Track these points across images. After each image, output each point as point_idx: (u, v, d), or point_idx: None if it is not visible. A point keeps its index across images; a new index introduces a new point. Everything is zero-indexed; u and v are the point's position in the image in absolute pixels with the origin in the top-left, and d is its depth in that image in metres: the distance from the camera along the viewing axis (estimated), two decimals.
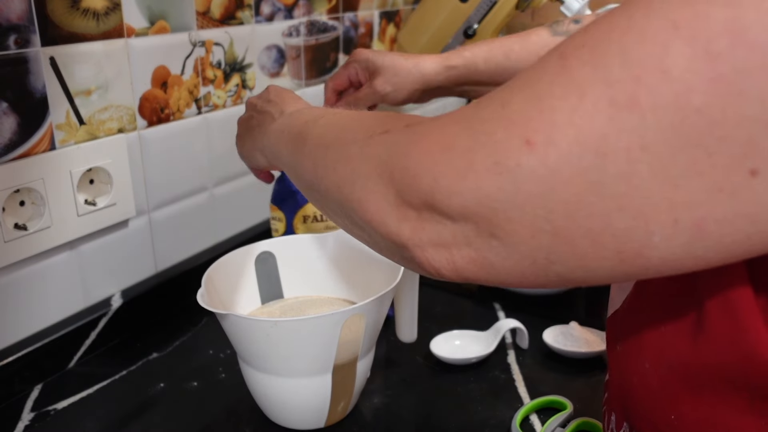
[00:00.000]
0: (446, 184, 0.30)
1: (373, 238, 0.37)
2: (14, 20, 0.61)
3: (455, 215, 0.30)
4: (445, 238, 0.31)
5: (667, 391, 0.34)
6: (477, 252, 0.30)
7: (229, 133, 0.89)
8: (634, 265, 0.28)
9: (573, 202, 0.27)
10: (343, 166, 0.37)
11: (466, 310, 0.83)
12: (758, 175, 0.24)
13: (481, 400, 0.65)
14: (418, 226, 0.32)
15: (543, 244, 0.28)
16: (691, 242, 0.26)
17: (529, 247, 0.29)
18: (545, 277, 0.30)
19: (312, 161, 0.42)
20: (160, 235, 0.82)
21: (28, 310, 0.68)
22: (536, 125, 0.27)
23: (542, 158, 0.27)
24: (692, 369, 0.32)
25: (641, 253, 0.27)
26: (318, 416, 0.60)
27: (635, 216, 0.26)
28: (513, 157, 0.28)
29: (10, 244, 0.64)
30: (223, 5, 0.84)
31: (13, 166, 0.63)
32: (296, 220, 0.72)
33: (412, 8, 1.23)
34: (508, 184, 0.28)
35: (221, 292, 0.62)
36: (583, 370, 0.70)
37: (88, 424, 0.62)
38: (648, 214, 0.26)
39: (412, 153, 0.32)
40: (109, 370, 0.70)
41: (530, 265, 0.29)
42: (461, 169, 0.29)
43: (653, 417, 0.35)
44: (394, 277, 0.58)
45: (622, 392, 0.39)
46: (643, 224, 0.26)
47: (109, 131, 0.73)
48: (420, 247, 0.32)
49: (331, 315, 0.53)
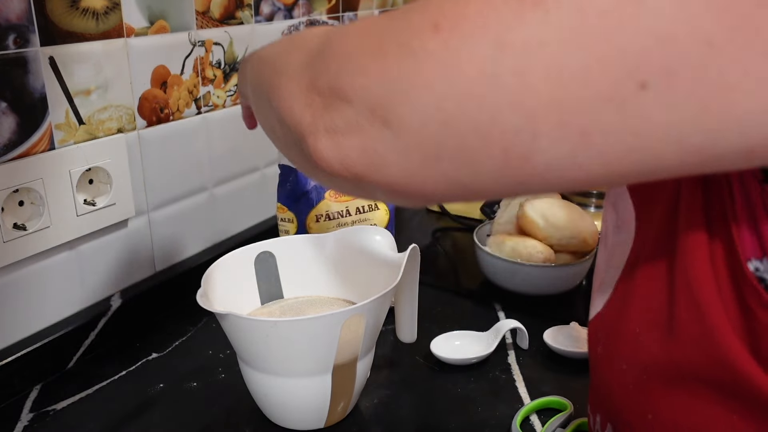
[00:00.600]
0: (354, 65, 0.30)
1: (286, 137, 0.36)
2: (13, 20, 0.61)
3: (354, 98, 0.30)
4: (339, 124, 0.31)
5: (643, 391, 0.34)
6: (368, 140, 0.30)
7: (229, 133, 0.89)
8: (520, 170, 0.27)
9: (466, 92, 0.27)
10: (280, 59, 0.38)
11: (466, 310, 0.83)
12: (647, 88, 0.24)
13: (481, 401, 0.65)
14: (319, 112, 0.32)
15: (432, 134, 0.28)
16: (576, 150, 0.26)
17: (419, 137, 0.28)
18: (432, 178, 0.29)
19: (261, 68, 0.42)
20: (159, 235, 0.82)
21: (28, 310, 0.68)
22: (447, 12, 0.27)
23: (444, 42, 0.27)
24: (665, 369, 0.33)
25: (527, 156, 0.27)
26: (318, 416, 0.60)
27: (525, 116, 0.26)
28: (418, 39, 0.28)
29: (10, 244, 0.64)
30: (223, 5, 0.84)
31: (13, 166, 0.63)
32: (309, 220, 0.72)
33: None
34: (408, 66, 0.28)
35: (221, 292, 0.62)
36: (583, 370, 0.70)
37: (88, 425, 0.62)
38: (538, 115, 0.26)
39: (335, 42, 0.32)
40: (109, 370, 0.70)
41: (419, 161, 0.29)
42: (370, 50, 0.30)
43: (631, 416, 0.36)
44: (394, 277, 0.58)
45: (603, 393, 0.39)
46: (531, 125, 0.26)
47: (108, 131, 0.72)
48: (314, 134, 0.32)
49: (331, 315, 0.53)
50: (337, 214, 0.72)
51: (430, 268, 0.93)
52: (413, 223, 1.10)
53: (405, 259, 0.59)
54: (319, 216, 0.72)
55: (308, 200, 0.72)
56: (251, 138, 0.93)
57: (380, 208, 0.73)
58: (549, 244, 0.82)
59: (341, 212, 0.72)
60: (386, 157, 0.30)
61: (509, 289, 0.83)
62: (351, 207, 0.72)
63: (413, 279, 0.63)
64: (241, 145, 0.92)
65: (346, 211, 0.72)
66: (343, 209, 0.72)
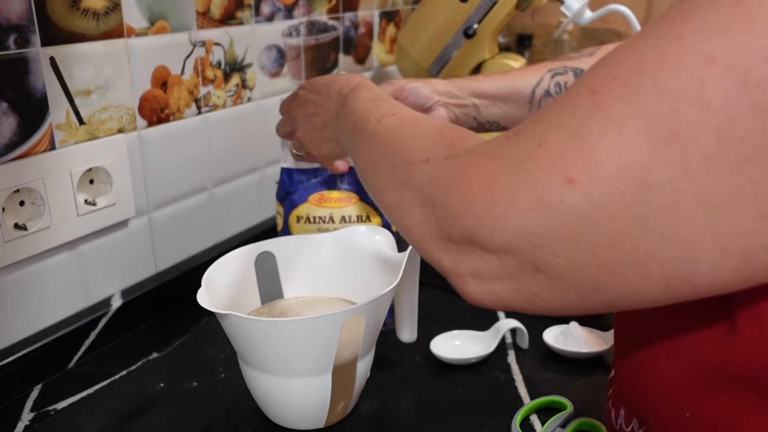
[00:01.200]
0: (488, 221, 0.30)
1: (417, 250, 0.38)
2: (14, 20, 0.61)
3: (497, 250, 0.30)
4: (485, 271, 0.31)
5: (686, 389, 0.33)
6: (521, 284, 0.31)
7: (229, 133, 0.89)
8: (682, 291, 0.28)
9: (618, 236, 0.27)
10: (390, 190, 0.39)
11: (466, 310, 0.83)
12: None
13: (481, 400, 0.65)
14: (459, 258, 0.33)
15: (588, 276, 0.28)
16: (739, 268, 0.26)
17: (575, 279, 0.29)
18: (590, 305, 0.30)
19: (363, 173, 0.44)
20: (160, 235, 0.82)
21: (28, 310, 0.68)
22: (576, 162, 0.27)
23: (585, 195, 0.27)
24: (715, 369, 0.32)
25: (689, 280, 0.27)
26: (318, 416, 0.60)
27: (681, 246, 0.26)
28: (555, 194, 0.28)
29: (10, 244, 0.64)
30: (223, 5, 0.84)
31: (13, 166, 0.63)
32: (291, 218, 0.73)
33: (412, 8, 1.23)
34: (551, 221, 0.28)
35: (221, 292, 0.62)
36: (583, 370, 0.70)
37: (88, 424, 0.62)
38: (694, 243, 0.26)
39: (452, 190, 0.32)
40: (109, 370, 0.70)
41: (576, 296, 0.30)
42: (503, 207, 0.30)
43: (666, 413, 0.35)
44: (394, 277, 0.58)
45: (633, 387, 0.38)
46: (689, 253, 0.26)
47: (109, 131, 0.72)
48: (461, 278, 0.33)
49: (331, 315, 0.53)
50: (318, 219, 0.72)
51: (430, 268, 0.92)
52: None
53: (405, 259, 0.59)
54: (300, 217, 0.72)
55: (291, 200, 0.72)
56: (251, 138, 0.93)
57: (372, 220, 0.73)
58: None
59: (323, 218, 0.72)
60: (542, 296, 0.30)
61: None
62: (336, 215, 0.72)
63: (413, 279, 0.63)
64: (241, 145, 0.92)
65: (330, 217, 0.72)
66: (327, 215, 0.72)
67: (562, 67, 0.72)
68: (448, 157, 0.35)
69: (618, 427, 0.40)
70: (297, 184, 0.72)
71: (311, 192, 0.72)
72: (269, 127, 0.73)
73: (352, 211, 0.72)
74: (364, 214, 0.72)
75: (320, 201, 0.71)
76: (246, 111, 0.91)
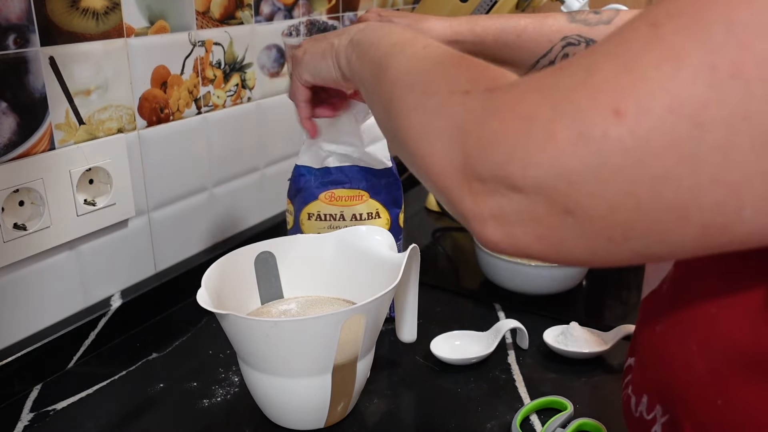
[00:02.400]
0: (523, 155, 0.28)
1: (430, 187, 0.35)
2: (13, 20, 0.61)
3: (528, 189, 0.28)
4: (509, 213, 0.29)
5: (718, 376, 0.32)
6: (547, 229, 0.29)
7: (229, 133, 0.89)
8: (718, 240, 0.27)
9: (661, 176, 0.25)
10: (418, 115, 0.36)
11: (466, 310, 0.83)
12: None
13: (481, 401, 0.65)
14: (482, 198, 0.30)
15: (622, 220, 0.27)
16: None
17: (607, 223, 0.27)
18: (618, 254, 0.28)
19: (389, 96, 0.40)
20: (159, 235, 0.82)
21: (28, 310, 0.68)
22: (626, 94, 0.26)
23: (632, 128, 0.25)
24: (750, 355, 0.30)
25: (728, 227, 0.26)
26: (318, 416, 0.60)
27: (728, 190, 0.25)
28: (599, 127, 0.26)
29: (10, 244, 0.64)
30: (223, 5, 0.84)
31: (13, 166, 0.63)
32: (302, 215, 0.73)
33: (412, 8, 1.23)
34: (592, 157, 0.26)
35: (221, 292, 0.62)
36: (583, 370, 0.70)
37: (88, 425, 0.62)
38: (741, 188, 0.25)
39: (489, 122, 0.30)
40: (109, 370, 0.70)
41: (605, 243, 0.28)
42: (541, 139, 0.28)
43: (695, 400, 0.34)
44: (394, 277, 0.58)
45: (658, 374, 0.37)
46: (735, 198, 0.25)
47: (108, 131, 0.72)
48: (479, 219, 0.31)
49: (331, 315, 0.53)
50: (329, 216, 0.72)
51: (430, 268, 0.93)
52: (413, 223, 1.10)
53: (405, 259, 0.59)
54: (311, 214, 0.72)
55: (302, 197, 0.72)
56: (251, 138, 0.93)
57: (381, 217, 0.73)
58: None
59: (334, 215, 0.72)
60: (567, 242, 0.29)
61: (509, 289, 0.83)
62: (347, 213, 0.72)
63: (413, 279, 0.63)
64: (241, 145, 0.92)
65: (341, 215, 0.72)
66: (338, 213, 0.72)
67: (576, 36, 0.69)
68: (489, 89, 0.32)
69: (638, 414, 0.39)
70: (308, 181, 0.72)
71: (322, 190, 0.72)
72: (269, 127, 0.72)
73: (363, 208, 0.72)
74: (374, 212, 0.73)
75: (331, 199, 0.71)
76: (246, 111, 0.91)
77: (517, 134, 0.29)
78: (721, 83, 0.24)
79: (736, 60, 0.24)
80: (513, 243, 0.30)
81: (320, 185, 0.72)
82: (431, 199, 1.14)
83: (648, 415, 0.38)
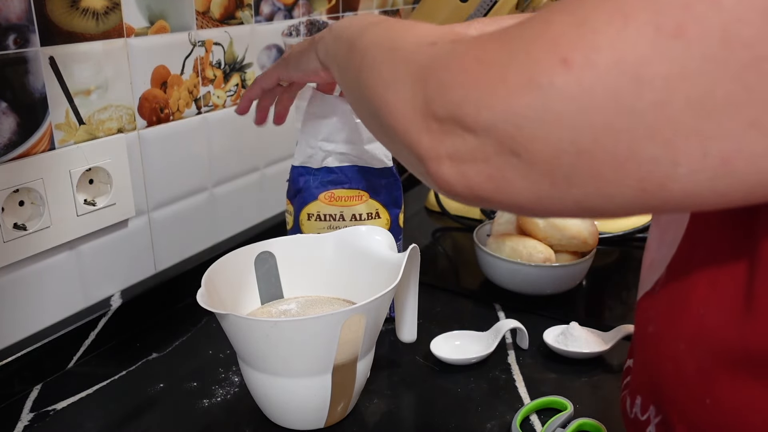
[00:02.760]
0: (477, 96, 0.30)
1: (397, 146, 0.37)
2: (13, 20, 0.61)
3: (479, 129, 0.30)
4: (463, 152, 0.31)
5: (705, 375, 0.33)
6: (494, 168, 0.30)
7: (229, 133, 0.89)
8: (654, 197, 0.27)
9: (601, 126, 0.27)
10: (386, 68, 0.38)
11: (466, 310, 0.83)
12: None
13: (481, 401, 0.65)
14: (438, 138, 0.32)
15: (564, 164, 0.28)
16: (716, 177, 0.26)
17: (550, 167, 0.28)
18: (561, 201, 0.30)
19: (359, 63, 0.42)
20: (159, 235, 0.82)
21: (28, 310, 0.68)
22: (576, 46, 0.27)
23: (577, 78, 0.27)
24: (736, 353, 0.31)
25: (664, 184, 0.27)
26: (318, 416, 0.60)
27: (664, 145, 0.26)
28: (547, 74, 0.27)
29: (10, 244, 0.64)
30: (223, 5, 0.84)
31: (13, 166, 0.63)
32: (302, 216, 0.73)
33: (412, 8, 1.23)
34: (538, 102, 0.28)
35: (221, 292, 0.62)
36: (583, 370, 0.70)
37: (88, 425, 0.62)
38: (677, 145, 0.26)
39: (450, 66, 0.32)
40: (109, 370, 0.70)
41: (548, 187, 0.29)
42: (494, 82, 0.29)
43: (685, 400, 0.34)
44: (394, 277, 0.58)
45: (651, 375, 0.38)
46: (670, 154, 0.26)
47: (108, 131, 0.72)
48: (436, 159, 0.32)
49: (331, 315, 0.53)
50: (329, 216, 0.72)
51: (430, 268, 0.93)
52: (413, 223, 1.10)
53: (405, 259, 0.59)
54: (311, 215, 0.72)
55: (302, 198, 0.72)
56: (251, 138, 0.93)
57: (381, 217, 0.73)
58: (549, 244, 0.82)
59: (334, 215, 0.72)
60: (514, 183, 0.30)
61: (509, 289, 0.83)
62: (346, 213, 0.72)
63: (413, 279, 0.63)
64: (241, 145, 0.92)
65: (341, 215, 0.72)
66: (337, 213, 0.72)
67: None
68: (455, 41, 0.34)
69: (633, 415, 0.40)
70: (307, 182, 0.72)
71: (322, 190, 0.72)
72: (269, 127, 0.72)
73: (363, 209, 0.72)
74: (374, 212, 0.73)
75: (331, 199, 0.71)
76: None
77: (474, 77, 0.30)
78: (663, 42, 0.25)
79: (680, 20, 0.25)
80: (466, 183, 0.32)
81: (320, 185, 0.72)
82: (431, 199, 1.14)
83: (642, 416, 0.38)
